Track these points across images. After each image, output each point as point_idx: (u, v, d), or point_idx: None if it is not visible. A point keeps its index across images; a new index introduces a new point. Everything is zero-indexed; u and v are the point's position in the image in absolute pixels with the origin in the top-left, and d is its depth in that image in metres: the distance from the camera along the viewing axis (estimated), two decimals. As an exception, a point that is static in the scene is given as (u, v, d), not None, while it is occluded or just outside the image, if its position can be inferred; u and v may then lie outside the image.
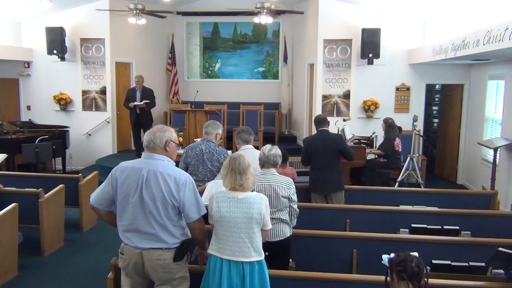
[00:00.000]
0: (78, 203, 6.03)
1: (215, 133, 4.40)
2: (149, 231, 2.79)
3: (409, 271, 2.23)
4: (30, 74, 9.48)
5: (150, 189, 2.77)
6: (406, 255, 2.31)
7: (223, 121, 10.01)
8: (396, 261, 2.30)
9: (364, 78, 8.73)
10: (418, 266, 2.25)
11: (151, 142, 2.88)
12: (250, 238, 2.93)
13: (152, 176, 2.79)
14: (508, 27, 4.58)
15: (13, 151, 7.63)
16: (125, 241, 2.88)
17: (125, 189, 2.82)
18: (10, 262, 4.59)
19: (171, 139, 2.93)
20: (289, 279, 3.19)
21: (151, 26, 9.90)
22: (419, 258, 2.31)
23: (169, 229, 2.81)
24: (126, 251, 2.88)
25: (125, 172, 2.85)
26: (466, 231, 4.46)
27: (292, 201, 3.56)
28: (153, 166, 2.82)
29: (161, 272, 2.83)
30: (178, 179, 2.80)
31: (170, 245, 2.82)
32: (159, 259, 2.80)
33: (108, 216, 3.00)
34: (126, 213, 2.84)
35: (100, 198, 2.92)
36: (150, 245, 2.80)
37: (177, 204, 2.80)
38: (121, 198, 2.84)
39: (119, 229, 2.91)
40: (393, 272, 2.29)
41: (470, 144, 8.29)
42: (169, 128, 2.99)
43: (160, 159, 2.86)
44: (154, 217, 2.78)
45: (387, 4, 8.21)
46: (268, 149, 3.64)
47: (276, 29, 11.11)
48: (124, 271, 2.94)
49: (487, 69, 7.73)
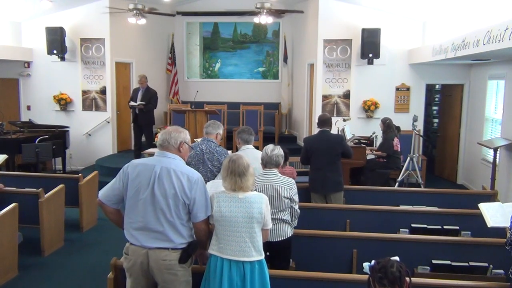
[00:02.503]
0: (78, 203, 6.02)
1: (215, 133, 4.40)
2: (158, 228, 2.80)
3: (390, 277, 2.19)
4: (30, 74, 9.48)
5: (162, 185, 2.79)
6: (386, 260, 2.26)
7: (223, 121, 10.01)
8: (376, 268, 2.25)
9: (364, 78, 8.73)
10: (399, 270, 2.20)
11: (165, 141, 2.92)
12: (251, 237, 2.93)
13: (165, 172, 2.81)
14: (508, 27, 4.59)
15: (13, 151, 7.62)
16: (131, 240, 2.87)
17: (136, 185, 2.83)
18: (10, 262, 4.59)
19: (186, 141, 2.97)
20: (289, 279, 3.19)
21: (151, 26, 9.90)
22: (400, 262, 2.26)
23: (177, 227, 2.82)
24: (131, 251, 2.86)
25: (137, 169, 2.87)
26: (466, 231, 4.46)
27: (293, 201, 3.56)
28: (166, 164, 2.84)
29: (166, 273, 2.82)
30: (191, 177, 2.83)
31: (176, 245, 2.83)
32: (165, 260, 2.80)
33: (114, 214, 2.99)
34: (135, 210, 2.83)
35: (110, 194, 2.92)
36: (156, 245, 2.80)
37: (188, 201, 2.81)
38: (132, 194, 2.84)
39: (126, 227, 2.90)
40: (374, 280, 2.24)
41: (470, 144, 8.29)
42: (184, 130, 3.03)
43: (173, 157, 2.90)
44: (164, 214, 2.79)
45: (387, 4, 8.21)
46: (270, 149, 3.64)
47: (276, 29, 11.11)
48: (128, 272, 2.91)
49: (487, 69, 7.73)
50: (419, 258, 3.88)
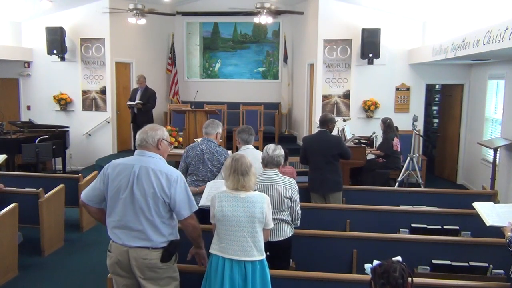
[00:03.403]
0: (78, 203, 5.99)
1: (215, 133, 4.41)
2: (137, 227, 2.80)
3: (392, 283, 2.12)
4: (30, 74, 9.48)
5: (141, 185, 2.79)
6: (389, 264, 2.18)
7: (223, 121, 10.01)
8: (378, 272, 2.18)
9: (364, 78, 8.73)
10: (402, 276, 2.13)
11: (143, 140, 2.91)
12: (253, 237, 2.93)
13: (144, 172, 2.81)
14: (508, 27, 4.59)
15: (13, 151, 7.62)
16: (113, 238, 2.89)
17: (116, 185, 2.84)
18: (10, 262, 4.58)
19: (163, 137, 2.96)
20: (289, 279, 3.19)
21: (151, 26, 9.90)
22: (403, 265, 2.19)
23: (157, 226, 2.81)
24: (113, 249, 2.88)
25: (117, 169, 2.88)
26: (466, 231, 4.45)
27: (293, 201, 3.55)
28: (145, 163, 2.85)
29: (147, 271, 2.82)
30: (170, 176, 2.82)
31: (156, 244, 2.81)
32: (145, 259, 2.80)
33: (97, 213, 3.02)
34: (116, 209, 2.85)
35: (91, 194, 2.95)
36: (137, 244, 2.80)
37: (168, 200, 2.81)
38: (112, 194, 2.86)
39: (108, 225, 2.92)
40: (376, 285, 2.17)
41: (470, 144, 8.29)
42: (161, 127, 3.02)
43: (152, 156, 2.89)
44: (143, 213, 2.79)
45: (387, 4, 8.21)
46: (272, 149, 3.63)
47: (276, 29, 11.11)
48: (110, 268, 2.93)
49: (487, 69, 7.73)
50: (419, 258, 3.87)
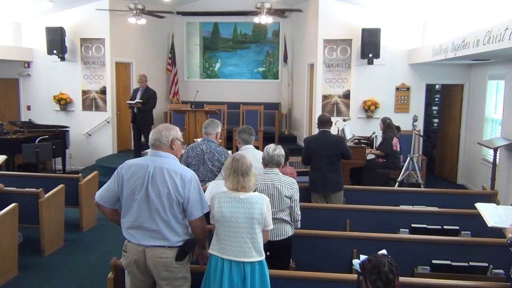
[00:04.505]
0: (78, 203, 6.02)
1: (215, 132, 4.41)
2: (153, 227, 2.82)
3: (383, 279, 2.11)
4: (30, 74, 9.48)
5: (156, 185, 2.80)
6: (378, 260, 2.16)
7: (223, 121, 10.01)
8: (368, 267, 2.15)
9: (364, 78, 8.73)
10: (391, 270, 2.13)
11: (157, 140, 2.92)
12: (252, 238, 2.93)
13: (158, 172, 2.82)
14: (508, 27, 4.59)
15: (13, 151, 7.63)
16: (128, 238, 2.90)
17: (131, 185, 2.85)
18: (10, 262, 4.59)
19: (177, 137, 2.98)
20: (289, 279, 3.19)
21: (151, 26, 9.90)
22: (390, 259, 2.18)
23: (173, 226, 2.83)
24: (129, 249, 2.90)
25: (131, 169, 2.88)
26: (466, 231, 4.45)
27: (293, 201, 3.55)
28: (159, 163, 2.85)
29: (163, 270, 2.84)
30: (184, 176, 2.84)
31: (173, 243, 2.84)
32: (161, 257, 2.82)
33: (112, 214, 3.02)
34: (131, 210, 2.86)
35: (105, 195, 2.95)
36: (153, 243, 2.82)
37: (181, 200, 2.82)
38: (127, 195, 2.87)
39: (123, 226, 2.93)
40: (367, 280, 2.16)
41: (470, 144, 8.29)
42: (174, 127, 3.03)
43: (166, 156, 2.90)
44: (159, 213, 2.81)
45: (387, 4, 8.21)
46: (272, 148, 3.64)
47: (276, 29, 11.11)
48: (126, 269, 2.95)
49: (487, 69, 7.73)
50: (419, 258, 3.88)
